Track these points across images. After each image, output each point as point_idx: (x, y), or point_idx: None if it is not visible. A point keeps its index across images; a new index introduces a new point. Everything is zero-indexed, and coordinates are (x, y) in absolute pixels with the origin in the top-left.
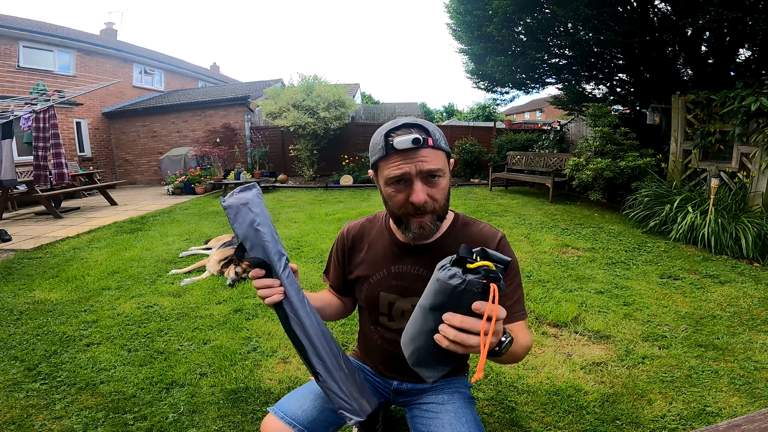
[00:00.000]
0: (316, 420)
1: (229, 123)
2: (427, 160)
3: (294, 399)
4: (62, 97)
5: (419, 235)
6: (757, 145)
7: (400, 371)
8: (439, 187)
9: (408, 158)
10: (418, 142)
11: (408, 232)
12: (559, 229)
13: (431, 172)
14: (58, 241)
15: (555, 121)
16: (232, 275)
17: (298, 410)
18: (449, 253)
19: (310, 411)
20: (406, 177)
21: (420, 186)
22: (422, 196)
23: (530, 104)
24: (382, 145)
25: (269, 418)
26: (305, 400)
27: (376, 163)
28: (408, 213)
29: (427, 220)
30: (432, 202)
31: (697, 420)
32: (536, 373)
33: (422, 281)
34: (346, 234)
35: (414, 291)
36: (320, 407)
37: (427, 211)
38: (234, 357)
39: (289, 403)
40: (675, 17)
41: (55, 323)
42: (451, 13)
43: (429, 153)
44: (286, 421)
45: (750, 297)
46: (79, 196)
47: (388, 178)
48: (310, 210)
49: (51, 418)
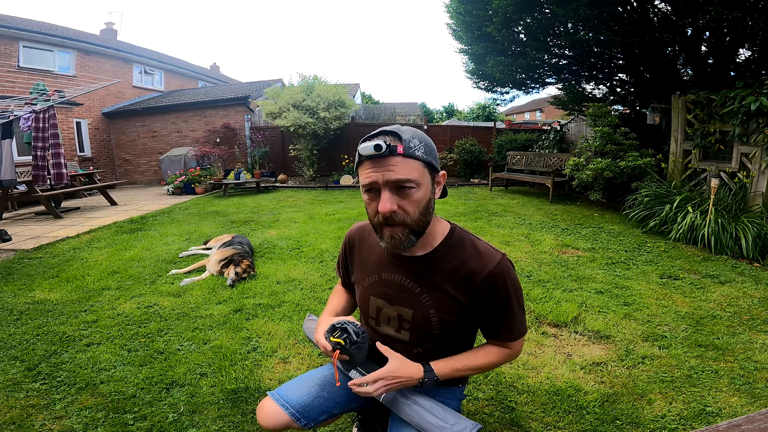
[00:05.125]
0: (309, 406)
1: (229, 123)
2: (395, 170)
3: (292, 385)
4: (62, 97)
5: (392, 245)
6: (757, 145)
7: None
8: (412, 199)
9: (377, 166)
10: (380, 149)
11: (382, 241)
12: (559, 229)
13: (399, 182)
14: (58, 241)
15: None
16: (232, 275)
17: (294, 395)
18: (437, 269)
19: (304, 397)
20: (375, 186)
21: (387, 195)
22: (388, 206)
23: (530, 104)
24: (357, 151)
25: (266, 400)
26: (302, 386)
27: (356, 169)
28: (380, 222)
29: (398, 231)
30: (402, 213)
31: (697, 420)
32: (536, 373)
33: (407, 292)
34: (349, 235)
35: (399, 300)
36: (315, 394)
37: (396, 222)
38: (234, 357)
39: (287, 388)
40: (675, 17)
41: (55, 323)
42: (451, 13)
43: (399, 162)
44: (280, 403)
45: (750, 297)
46: (79, 196)
47: (362, 185)
48: (310, 210)
49: (51, 418)
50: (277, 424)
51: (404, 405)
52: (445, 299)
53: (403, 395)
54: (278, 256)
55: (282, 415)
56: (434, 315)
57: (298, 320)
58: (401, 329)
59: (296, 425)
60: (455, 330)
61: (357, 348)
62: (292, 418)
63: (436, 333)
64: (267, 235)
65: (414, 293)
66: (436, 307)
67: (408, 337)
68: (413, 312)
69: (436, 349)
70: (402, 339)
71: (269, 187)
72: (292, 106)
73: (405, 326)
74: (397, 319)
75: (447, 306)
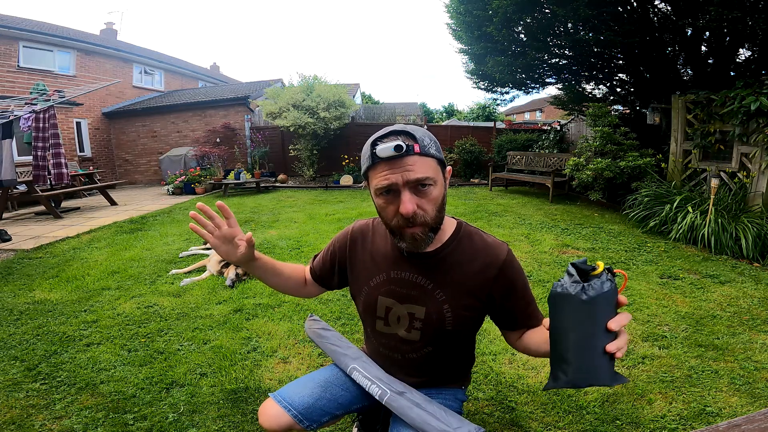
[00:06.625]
0: (312, 407)
1: (229, 123)
2: (414, 169)
3: (295, 386)
4: (62, 97)
5: (414, 246)
6: (757, 145)
7: (395, 374)
8: (430, 197)
9: (394, 167)
10: (401, 149)
11: (402, 242)
12: (559, 229)
13: (419, 181)
14: (58, 241)
15: (555, 121)
16: (232, 276)
17: (296, 396)
18: (450, 263)
19: (306, 398)
20: (394, 187)
21: (408, 196)
22: (410, 207)
23: (530, 104)
24: (369, 154)
25: (268, 401)
26: (305, 387)
27: (365, 173)
28: (399, 224)
29: (418, 231)
30: (422, 213)
31: (697, 420)
32: (536, 373)
33: (420, 289)
34: (352, 231)
35: (411, 298)
36: (317, 395)
37: (417, 223)
38: (234, 357)
39: (290, 389)
40: (675, 17)
41: (55, 323)
42: (451, 13)
43: (416, 161)
44: (282, 405)
45: (750, 297)
46: (79, 196)
47: (376, 189)
48: (310, 210)
49: (51, 418)
50: (280, 425)
51: (406, 407)
52: (459, 294)
53: (405, 397)
54: (278, 256)
55: (284, 417)
56: (448, 311)
57: (298, 320)
58: (411, 329)
59: (298, 427)
60: (468, 325)
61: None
62: (295, 419)
63: (449, 329)
64: (267, 235)
65: (427, 290)
66: (450, 303)
67: (418, 336)
68: (426, 309)
69: (446, 347)
70: (412, 339)
71: (269, 187)
72: (292, 106)
73: (416, 325)
74: (407, 318)
75: (462, 300)
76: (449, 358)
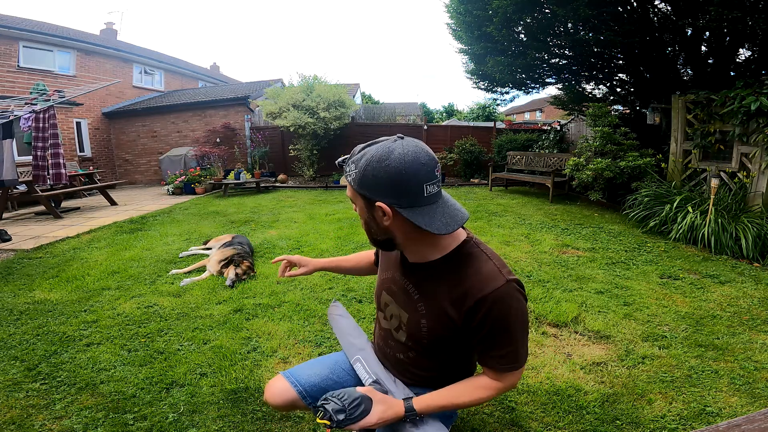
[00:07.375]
0: (317, 386)
1: (229, 123)
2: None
3: (304, 366)
4: (62, 97)
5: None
6: (757, 145)
7: (390, 368)
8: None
9: None
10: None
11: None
12: (559, 229)
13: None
14: (58, 241)
15: (555, 121)
16: (232, 276)
17: (304, 375)
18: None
19: (313, 378)
20: None
21: None
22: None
23: (530, 104)
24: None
25: (277, 377)
26: (313, 368)
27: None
28: None
29: None
30: None
31: (697, 420)
32: (536, 373)
33: (407, 296)
34: None
35: (401, 302)
36: (324, 376)
37: None
38: (234, 357)
39: (299, 368)
40: (675, 17)
41: (55, 323)
42: (451, 13)
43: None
44: (290, 380)
45: (750, 297)
46: (79, 196)
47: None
48: (310, 210)
49: (51, 418)
50: (284, 399)
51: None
52: (438, 311)
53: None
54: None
55: (290, 391)
56: (425, 325)
57: (298, 320)
58: (399, 329)
59: (302, 404)
60: (446, 343)
61: (347, 418)
62: (300, 395)
63: (426, 342)
64: (267, 236)
65: (412, 299)
66: (428, 317)
67: (404, 338)
68: (408, 317)
69: (429, 357)
70: (399, 339)
71: (269, 187)
72: (292, 106)
73: (402, 327)
74: (398, 318)
75: (439, 319)
76: (435, 367)
